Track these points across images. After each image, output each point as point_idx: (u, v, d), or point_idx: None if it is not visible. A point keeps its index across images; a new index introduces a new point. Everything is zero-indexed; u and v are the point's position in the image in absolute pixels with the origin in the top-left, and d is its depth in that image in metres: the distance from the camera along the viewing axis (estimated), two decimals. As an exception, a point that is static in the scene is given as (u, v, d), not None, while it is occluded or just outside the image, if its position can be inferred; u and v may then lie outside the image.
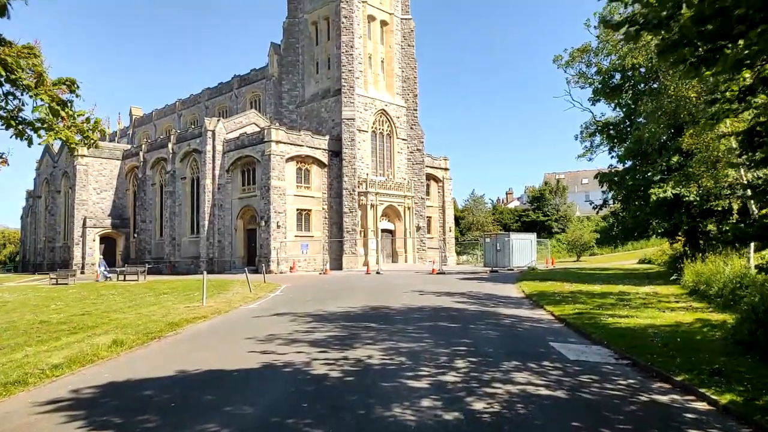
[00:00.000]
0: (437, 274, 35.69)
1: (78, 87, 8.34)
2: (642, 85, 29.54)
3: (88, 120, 8.56)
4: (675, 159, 25.62)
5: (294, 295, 23.57)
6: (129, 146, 63.60)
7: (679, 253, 31.24)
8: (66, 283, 36.96)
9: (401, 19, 53.13)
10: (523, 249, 41.98)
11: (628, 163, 30.61)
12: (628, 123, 31.39)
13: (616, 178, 30.51)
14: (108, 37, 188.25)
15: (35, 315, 19.37)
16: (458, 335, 12.51)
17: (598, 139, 33.99)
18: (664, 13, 4.55)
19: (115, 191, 58.93)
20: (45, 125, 7.66)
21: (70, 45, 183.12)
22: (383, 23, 51.98)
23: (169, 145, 52.38)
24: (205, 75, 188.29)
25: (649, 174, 27.50)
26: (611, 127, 32.18)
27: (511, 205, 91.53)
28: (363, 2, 49.52)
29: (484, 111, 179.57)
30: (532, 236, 44.82)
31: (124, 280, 38.43)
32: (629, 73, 29.31)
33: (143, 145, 57.66)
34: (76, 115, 8.48)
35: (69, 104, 8.40)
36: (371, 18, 50.63)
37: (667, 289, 21.72)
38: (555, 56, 32.27)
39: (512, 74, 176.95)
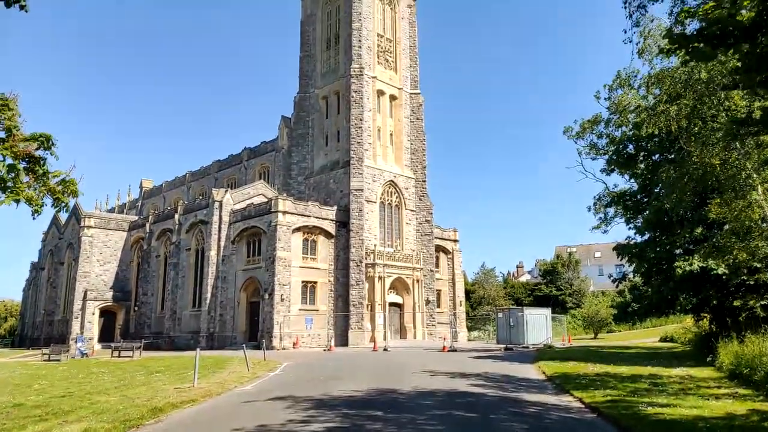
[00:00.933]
0: (448, 351, 33.64)
1: (54, 144, 7.57)
2: (657, 156, 28.81)
3: (63, 182, 7.72)
4: (699, 230, 24.37)
5: (294, 375, 21.81)
6: (136, 218, 63.41)
7: (707, 331, 29.23)
8: (58, 360, 35.28)
9: (410, 93, 54.01)
10: (538, 325, 40.02)
11: (647, 235, 29.36)
12: (644, 194, 30.44)
13: (635, 250, 29.16)
14: (122, 111, 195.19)
15: (12, 396, 17.83)
16: (478, 428, 10.84)
17: (612, 210, 32.95)
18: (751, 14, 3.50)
19: (119, 263, 58.00)
20: (3, 185, 6.79)
21: (83, 116, 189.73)
22: (392, 98, 52.83)
23: (176, 216, 52.01)
24: (216, 148, 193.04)
25: (668, 246, 26.13)
26: (627, 198, 31.21)
27: (522, 279, 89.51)
28: (373, 78, 50.56)
29: (492, 183, 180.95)
30: (547, 311, 42.86)
31: (119, 356, 36.52)
32: (643, 143, 28.67)
33: (150, 216, 57.40)
34: (50, 175, 7.69)
35: (42, 162, 7.62)
36: (380, 93, 51.53)
37: (701, 371, 19.81)
38: (565, 127, 31.94)
39: (521, 145, 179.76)
